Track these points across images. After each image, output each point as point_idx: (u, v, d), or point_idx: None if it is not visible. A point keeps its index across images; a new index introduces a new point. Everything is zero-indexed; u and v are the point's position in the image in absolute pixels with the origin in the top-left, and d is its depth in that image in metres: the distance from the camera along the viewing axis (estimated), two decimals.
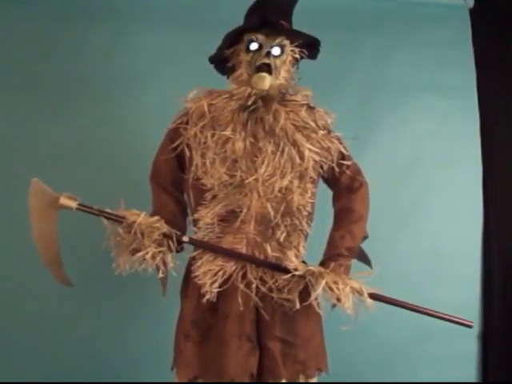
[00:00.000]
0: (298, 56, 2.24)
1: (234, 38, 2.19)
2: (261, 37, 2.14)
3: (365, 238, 2.37)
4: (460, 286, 3.68)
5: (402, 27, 3.89)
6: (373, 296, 2.08)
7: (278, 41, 2.15)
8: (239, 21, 2.27)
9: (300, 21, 2.25)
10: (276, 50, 2.15)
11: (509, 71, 3.92)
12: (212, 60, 2.28)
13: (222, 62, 2.27)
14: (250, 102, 2.11)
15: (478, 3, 3.96)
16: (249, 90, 2.12)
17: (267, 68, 2.11)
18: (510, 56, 3.92)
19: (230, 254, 2.16)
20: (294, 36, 2.20)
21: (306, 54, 2.26)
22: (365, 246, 2.42)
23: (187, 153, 2.21)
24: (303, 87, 2.24)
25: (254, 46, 2.14)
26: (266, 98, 2.12)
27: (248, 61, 2.15)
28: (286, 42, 2.18)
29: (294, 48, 2.21)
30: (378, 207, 2.45)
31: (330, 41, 3.14)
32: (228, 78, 2.29)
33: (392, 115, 3.80)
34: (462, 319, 2.13)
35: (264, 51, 2.13)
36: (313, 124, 2.18)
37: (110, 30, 3.54)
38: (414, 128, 3.80)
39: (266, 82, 2.10)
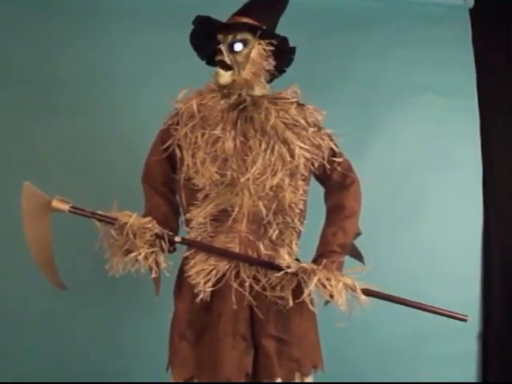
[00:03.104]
0: (266, 48, 2.19)
1: (212, 43, 2.19)
2: (219, 36, 2.16)
3: (358, 234, 2.37)
4: (460, 285, 3.68)
5: (401, 27, 3.90)
6: (366, 292, 2.07)
7: (231, 36, 2.15)
8: None
9: (300, 21, 2.26)
10: (237, 46, 2.14)
11: (509, 71, 3.92)
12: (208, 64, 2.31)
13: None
14: (234, 101, 2.13)
15: (478, 3, 3.97)
16: (215, 87, 2.15)
17: (223, 64, 2.12)
18: (510, 56, 3.92)
19: (223, 254, 2.16)
20: (254, 29, 2.17)
21: (275, 44, 2.20)
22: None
23: (178, 153, 2.22)
24: (288, 88, 2.25)
25: (220, 46, 2.15)
26: (254, 98, 2.15)
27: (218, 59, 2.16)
28: (247, 36, 2.15)
29: (261, 41, 2.17)
30: (378, 207, 2.45)
31: (329, 41, 3.16)
32: None
33: (392, 115, 3.81)
34: (456, 313, 2.12)
35: (220, 49, 2.14)
36: (303, 121, 2.18)
37: (106, 30, 3.56)
38: (414, 128, 3.81)
39: (223, 77, 2.11)
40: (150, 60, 3.54)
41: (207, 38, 2.18)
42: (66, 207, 2.15)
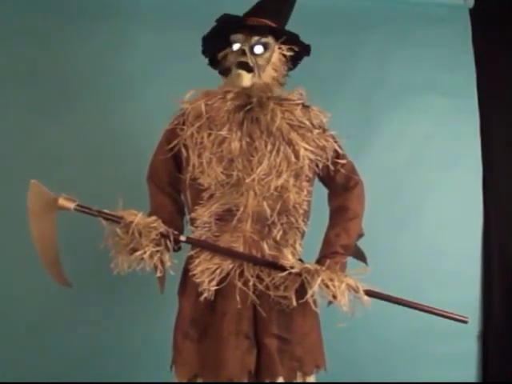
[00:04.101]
0: (286, 53, 2.25)
1: (221, 41, 2.22)
2: (239, 36, 2.18)
3: (360, 235, 2.39)
4: (460, 285, 3.67)
5: (402, 27, 3.90)
6: (369, 293, 2.09)
7: (256, 39, 2.18)
8: None
9: (300, 21, 2.26)
10: (258, 49, 2.17)
11: (509, 71, 3.93)
12: (209, 64, 2.34)
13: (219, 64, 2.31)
14: (241, 102, 2.14)
15: (478, 3, 3.97)
16: (236, 89, 2.15)
17: (246, 66, 2.14)
18: (510, 56, 3.92)
19: (227, 253, 2.17)
20: (277, 33, 2.22)
21: (296, 50, 2.27)
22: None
23: (184, 153, 2.23)
24: (294, 90, 2.26)
25: (235, 47, 2.19)
26: (260, 99, 2.15)
27: (232, 61, 2.18)
28: (269, 40, 2.20)
29: (281, 46, 2.23)
30: (378, 207, 2.46)
31: (330, 41, 3.16)
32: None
33: (392, 115, 3.80)
34: (456, 315, 2.13)
35: (241, 50, 2.16)
36: (308, 123, 2.19)
37: (109, 29, 3.56)
38: (414, 128, 3.81)
39: (245, 79, 2.14)
40: (156, 60, 3.54)
41: (223, 37, 2.20)
42: (71, 205, 2.15)
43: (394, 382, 3.47)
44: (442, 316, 2.14)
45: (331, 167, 2.28)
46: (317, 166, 2.25)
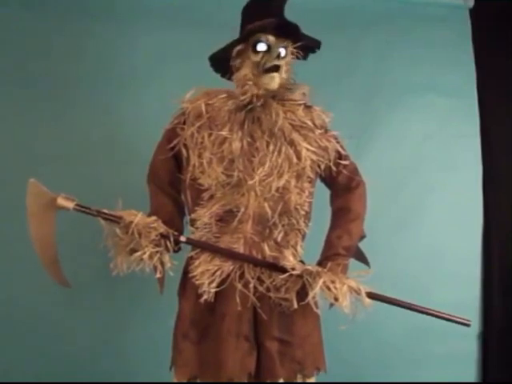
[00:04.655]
0: (298, 56, 2.25)
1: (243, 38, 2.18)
2: (271, 38, 2.14)
3: (362, 237, 2.37)
4: (460, 286, 3.68)
5: (402, 27, 3.89)
6: (370, 295, 2.08)
7: (285, 43, 2.17)
8: (239, 22, 2.28)
9: (300, 21, 2.24)
10: (283, 52, 2.15)
11: (509, 71, 3.92)
12: (214, 58, 2.26)
13: (223, 62, 2.26)
14: (259, 103, 2.12)
15: (478, 3, 3.97)
16: (255, 90, 2.12)
17: (277, 69, 2.13)
18: (510, 56, 3.92)
19: (228, 254, 2.16)
20: (301, 38, 2.20)
21: (302, 54, 2.28)
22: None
23: (184, 153, 2.22)
24: (300, 84, 2.24)
25: (262, 47, 2.13)
26: (266, 98, 2.13)
27: (256, 61, 2.14)
28: (289, 43, 2.19)
29: (293, 49, 2.22)
30: (378, 207, 2.45)
31: (329, 41, 3.14)
32: (224, 76, 2.31)
33: (392, 115, 3.80)
34: (459, 318, 2.13)
35: (275, 53, 2.12)
36: (310, 123, 2.18)
37: (109, 29, 3.53)
38: (414, 128, 3.81)
39: (276, 82, 2.14)
40: (157, 60, 3.52)
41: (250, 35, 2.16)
42: (71, 205, 2.14)
43: (394, 382, 3.47)
44: (446, 319, 2.13)
45: (333, 168, 2.27)
46: (319, 166, 2.24)
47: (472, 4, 3.98)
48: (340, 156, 2.30)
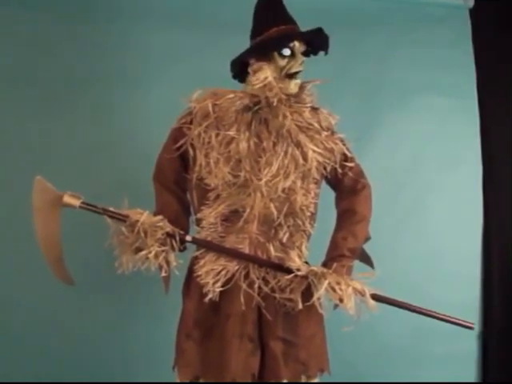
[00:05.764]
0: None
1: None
2: (297, 44, 2.15)
3: (367, 239, 2.38)
4: (460, 286, 3.70)
5: (402, 27, 3.89)
6: (375, 297, 2.08)
7: (305, 48, 2.19)
8: (242, 22, 2.29)
9: (300, 21, 2.25)
10: (303, 58, 2.18)
11: (509, 71, 3.93)
12: (237, 62, 2.25)
13: (236, 64, 2.27)
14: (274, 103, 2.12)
15: (478, 3, 3.97)
16: (279, 93, 2.12)
17: (297, 74, 2.15)
18: (510, 56, 3.93)
19: (233, 254, 2.16)
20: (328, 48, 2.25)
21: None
22: (365, 246, 2.43)
23: (191, 152, 2.22)
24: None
25: (287, 52, 2.14)
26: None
27: (281, 66, 2.14)
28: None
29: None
30: (379, 208, 2.45)
31: (329, 41, 3.12)
32: (236, 79, 2.32)
33: (392, 115, 3.80)
34: (463, 321, 2.13)
35: (300, 59, 2.15)
36: (316, 125, 2.18)
37: (113, 30, 3.52)
38: (414, 128, 3.81)
39: (297, 87, 2.17)
40: (161, 60, 3.51)
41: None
42: (77, 203, 2.15)
43: (394, 382, 3.48)
44: (449, 322, 2.14)
45: (339, 170, 2.28)
46: (324, 168, 2.24)
47: (472, 4, 3.98)
48: (346, 158, 2.30)
